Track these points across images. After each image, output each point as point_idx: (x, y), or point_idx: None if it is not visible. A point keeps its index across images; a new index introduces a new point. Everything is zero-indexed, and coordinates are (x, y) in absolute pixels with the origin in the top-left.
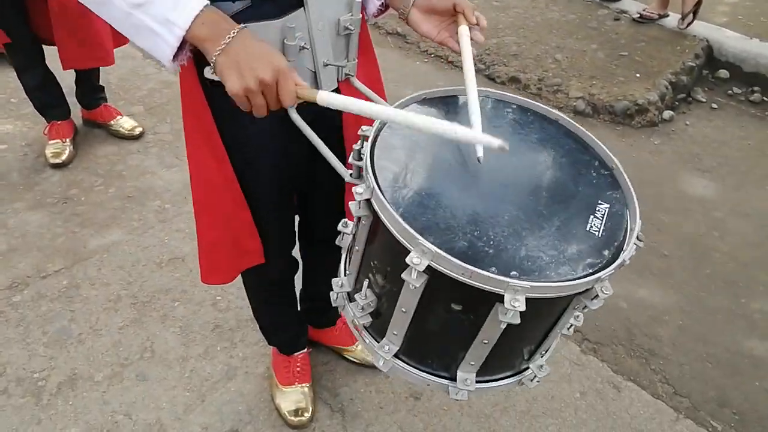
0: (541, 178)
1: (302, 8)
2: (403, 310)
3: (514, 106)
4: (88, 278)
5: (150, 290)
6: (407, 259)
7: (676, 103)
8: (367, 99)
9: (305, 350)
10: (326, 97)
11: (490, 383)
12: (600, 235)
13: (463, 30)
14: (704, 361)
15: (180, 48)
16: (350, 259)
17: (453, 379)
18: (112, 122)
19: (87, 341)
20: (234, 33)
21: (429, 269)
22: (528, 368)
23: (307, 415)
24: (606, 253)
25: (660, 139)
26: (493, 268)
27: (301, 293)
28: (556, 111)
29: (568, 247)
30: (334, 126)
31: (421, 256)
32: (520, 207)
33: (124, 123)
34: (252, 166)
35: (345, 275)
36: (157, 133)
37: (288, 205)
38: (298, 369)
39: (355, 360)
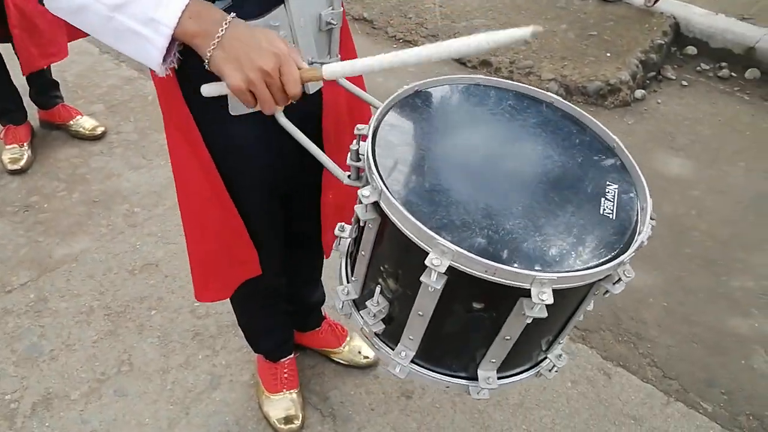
0: (546, 163)
1: (283, 5)
2: (420, 313)
3: (510, 93)
4: (57, 290)
5: (124, 299)
6: (427, 261)
7: (647, 81)
8: (353, 95)
9: (292, 355)
10: (331, 70)
11: (509, 378)
12: (614, 218)
13: None
14: (690, 342)
15: (168, 48)
16: (352, 264)
17: (472, 378)
18: (71, 122)
19: (60, 357)
20: (227, 23)
21: (449, 269)
22: (545, 359)
23: (297, 422)
24: (624, 235)
25: (633, 118)
26: (516, 263)
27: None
28: (549, 93)
29: (586, 232)
30: (318, 127)
31: (441, 256)
32: (532, 195)
33: (85, 123)
34: (240, 173)
35: (349, 282)
36: (121, 132)
37: (276, 208)
38: (285, 375)
39: (342, 362)
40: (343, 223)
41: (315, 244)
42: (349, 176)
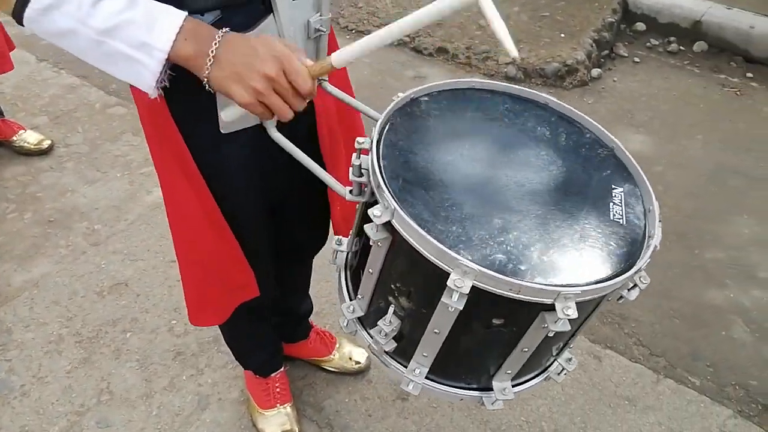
0: (551, 169)
1: (272, 15)
2: (436, 331)
3: (505, 96)
4: (20, 320)
5: (95, 324)
6: (449, 283)
7: (602, 60)
8: (342, 102)
9: (282, 369)
10: (341, 57)
11: (521, 386)
12: (625, 222)
13: None
14: (671, 317)
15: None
16: (356, 280)
17: (485, 389)
18: (14, 138)
19: (32, 392)
20: (219, 39)
21: (471, 289)
22: (554, 363)
23: None
24: (636, 240)
25: (592, 97)
26: (539, 278)
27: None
28: (543, 94)
29: (600, 240)
30: (309, 140)
31: (463, 276)
32: (543, 205)
33: (29, 137)
34: (233, 192)
35: (353, 299)
36: (70, 144)
37: (268, 225)
38: (277, 389)
39: (333, 369)
40: (340, 237)
41: (307, 257)
42: (350, 191)
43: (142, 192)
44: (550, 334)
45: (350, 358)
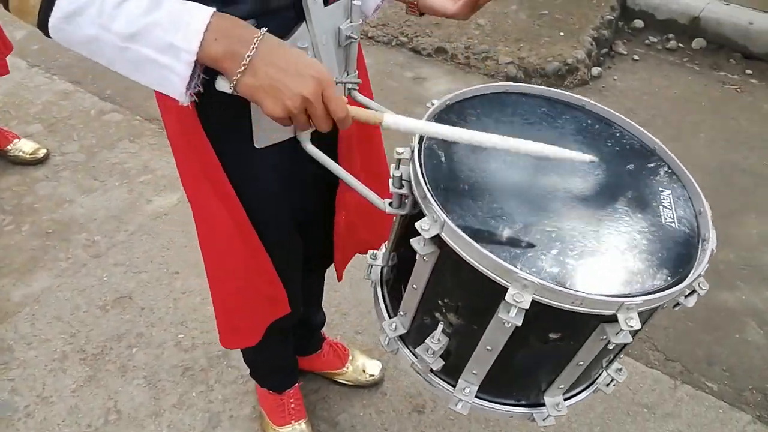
0: (596, 173)
1: (304, 22)
2: (488, 348)
3: (541, 99)
4: (22, 337)
5: (99, 339)
6: (508, 298)
7: (601, 58)
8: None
9: (297, 384)
10: (395, 122)
11: (571, 400)
12: (677, 226)
13: None
14: (685, 320)
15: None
16: (396, 296)
17: (535, 404)
18: (8, 147)
19: (37, 413)
20: (256, 42)
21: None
22: (603, 374)
23: None
24: (690, 244)
25: (594, 97)
26: (599, 288)
27: None
28: (578, 96)
29: (655, 246)
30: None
31: (522, 291)
32: (592, 211)
33: (23, 146)
34: (263, 206)
35: (394, 316)
36: (65, 153)
37: (296, 238)
38: (292, 405)
39: (347, 382)
40: (374, 251)
41: (321, 267)
42: (390, 204)
43: (142, 201)
44: (610, 346)
45: (364, 371)
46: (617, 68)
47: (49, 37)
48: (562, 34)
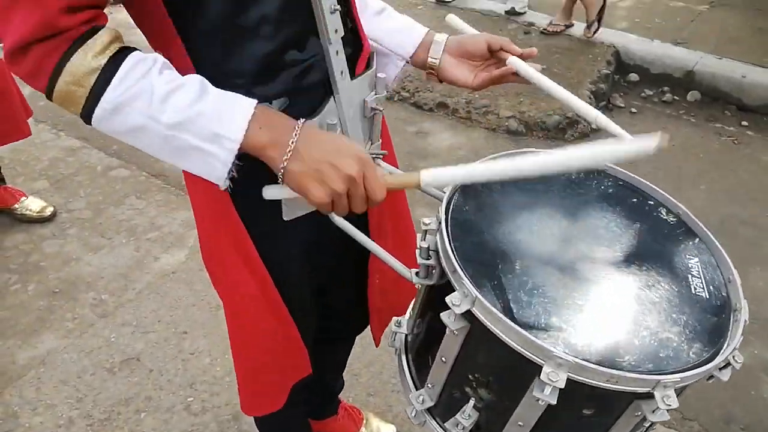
0: (622, 241)
1: (332, 97)
2: (520, 424)
3: None
4: (27, 402)
5: (107, 404)
6: (542, 377)
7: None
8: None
9: None
10: (431, 178)
11: None
12: (708, 296)
13: (515, 59)
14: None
15: None
16: (424, 367)
17: None
18: (16, 206)
19: None
20: (298, 129)
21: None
22: None
23: None
24: (722, 315)
25: None
26: (633, 365)
27: None
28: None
29: (688, 319)
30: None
31: (558, 369)
32: (623, 282)
33: (31, 204)
34: (290, 276)
35: (421, 387)
36: (72, 210)
37: (317, 302)
38: None
39: None
40: (399, 318)
41: (351, 334)
42: (417, 274)
43: (150, 258)
44: (646, 424)
45: None
46: (616, 121)
47: (89, 125)
48: None
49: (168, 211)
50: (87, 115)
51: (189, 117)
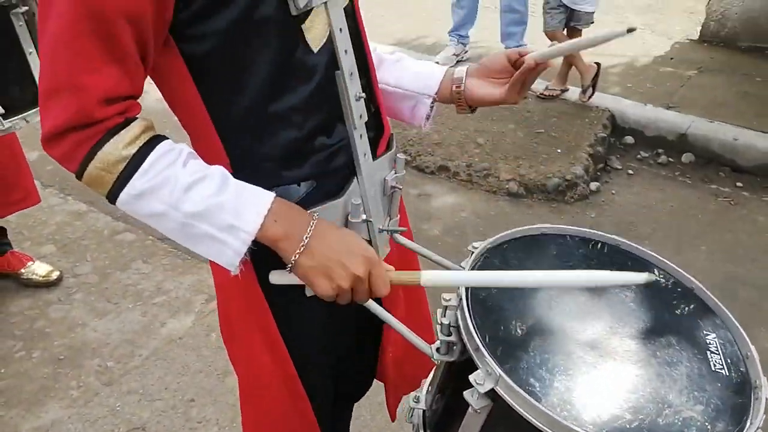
0: (641, 317)
1: (355, 178)
2: None
3: (575, 238)
4: None
5: None
6: None
7: (598, 173)
8: (419, 255)
9: None
10: (432, 278)
11: None
12: (727, 373)
13: (531, 54)
14: None
15: None
16: None
17: None
18: (22, 270)
19: None
20: (312, 227)
21: None
22: None
23: None
24: (743, 392)
25: (594, 211)
26: None
27: None
28: (613, 236)
29: (710, 397)
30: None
31: None
32: (644, 360)
33: (38, 269)
34: (308, 352)
35: None
36: (78, 275)
37: (332, 376)
38: None
39: None
40: (417, 394)
41: (353, 401)
42: (437, 350)
43: (156, 324)
44: None
45: None
46: (614, 182)
47: (113, 204)
48: (559, 151)
49: (175, 275)
50: (113, 197)
51: (208, 208)
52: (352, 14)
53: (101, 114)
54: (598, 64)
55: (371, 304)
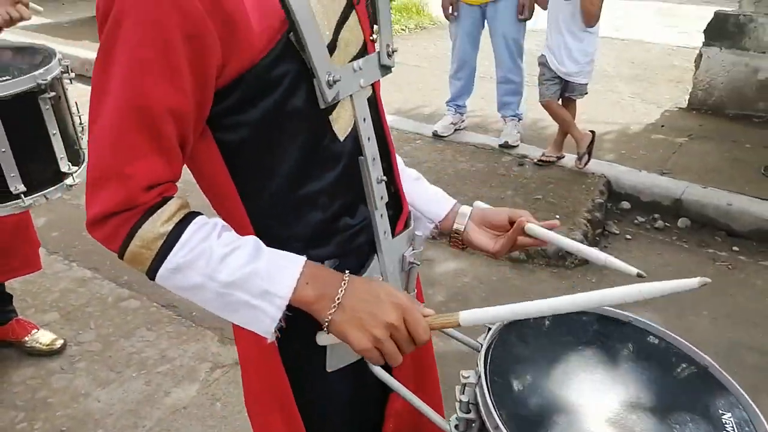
0: (657, 393)
1: (376, 255)
2: None
3: (589, 315)
4: None
5: None
6: None
7: (597, 238)
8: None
9: None
10: (470, 317)
11: None
12: None
13: (532, 226)
14: None
15: None
16: None
17: None
18: (26, 338)
19: None
20: (344, 285)
21: None
22: None
23: None
24: None
25: (595, 276)
26: None
27: None
28: (626, 313)
29: None
30: None
31: None
32: None
33: (41, 337)
34: (325, 427)
35: None
36: (82, 343)
37: None
38: None
39: None
40: None
41: None
42: (456, 427)
43: (160, 393)
44: None
45: None
46: (613, 247)
47: (152, 280)
48: (558, 216)
49: (179, 343)
50: (152, 273)
51: (243, 276)
52: (374, 103)
53: (144, 199)
54: (593, 132)
55: (380, 372)
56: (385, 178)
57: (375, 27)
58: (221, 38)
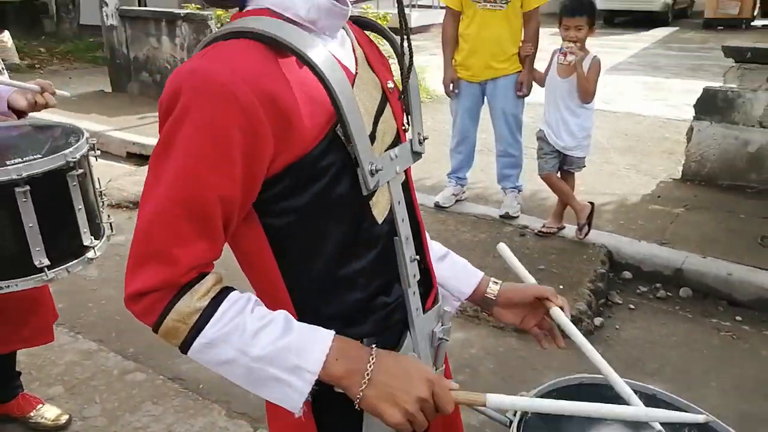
0: None
1: (408, 332)
2: None
3: (603, 386)
4: None
5: None
6: None
7: (601, 308)
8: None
9: None
10: (496, 401)
11: None
12: None
13: (556, 311)
14: None
15: None
16: None
17: None
18: (31, 413)
19: None
20: (373, 360)
21: None
22: None
23: None
24: None
25: (600, 347)
26: None
27: None
28: (649, 386)
29: None
30: None
31: None
32: None
33: (47, 413)
34: None
35: None
36: (86, 417)
37: None
38: None
39: None
40: None
41: None
42: None
43: None
44: None
45: None
46: (616, 317)
47: (185, 354)
48: (561, 287)
49: (186, 417)
50: (186, 347)
51: (275, 350)
52: (406, 186)
53: (185, 280)
54: (592, 203)
55: None
56: (417, 256)
57: (408, 117)
58: (275, 134)
